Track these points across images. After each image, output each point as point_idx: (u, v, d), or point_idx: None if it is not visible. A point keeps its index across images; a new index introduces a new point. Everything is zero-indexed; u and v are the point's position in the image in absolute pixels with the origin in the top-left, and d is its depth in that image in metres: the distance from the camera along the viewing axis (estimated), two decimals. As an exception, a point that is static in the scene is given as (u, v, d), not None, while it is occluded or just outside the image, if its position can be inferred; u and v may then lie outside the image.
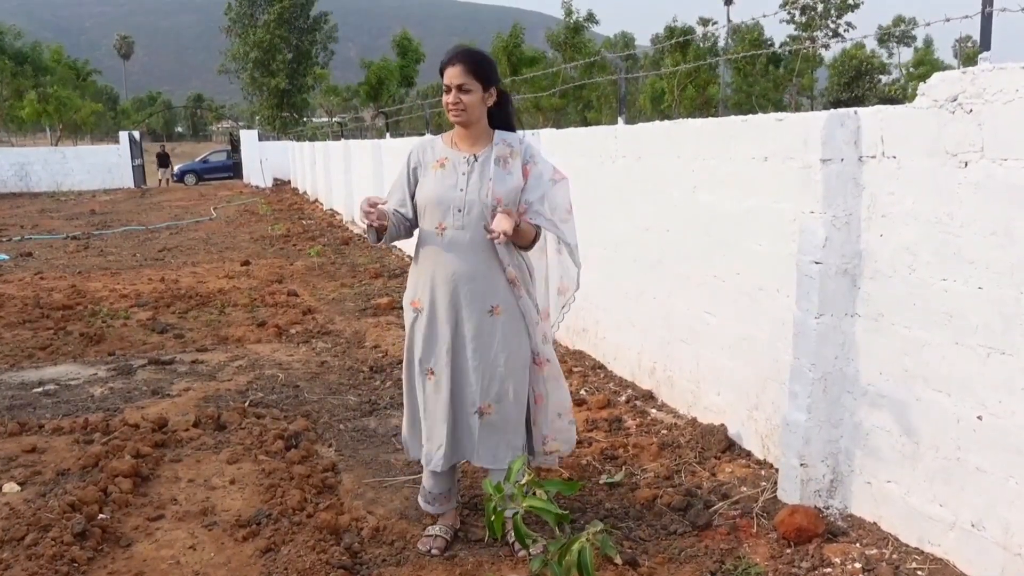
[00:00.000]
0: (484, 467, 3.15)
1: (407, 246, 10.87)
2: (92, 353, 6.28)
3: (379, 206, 2.87)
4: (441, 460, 3.06)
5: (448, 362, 3.01)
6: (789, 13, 50.45)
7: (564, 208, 3.02)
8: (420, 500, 3.31)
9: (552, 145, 6.12)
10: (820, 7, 52.12)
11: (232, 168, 36.74)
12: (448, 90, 2.92)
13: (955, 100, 2.70)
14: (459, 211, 2.93)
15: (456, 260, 2.95)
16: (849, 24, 52.67)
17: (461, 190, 2.94)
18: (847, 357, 3.25)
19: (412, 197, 3.08)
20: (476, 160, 2.97)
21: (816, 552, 3.02)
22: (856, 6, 52.23)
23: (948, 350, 2.81)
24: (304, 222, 16.72)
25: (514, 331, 3.01)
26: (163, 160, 36.12)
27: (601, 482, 3.74)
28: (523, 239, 2.96)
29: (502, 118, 3.07)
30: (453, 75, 2.90)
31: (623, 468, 3.88)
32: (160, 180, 35.32)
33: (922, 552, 2.96)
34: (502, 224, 2.79)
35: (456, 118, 2.95)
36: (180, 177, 36.95)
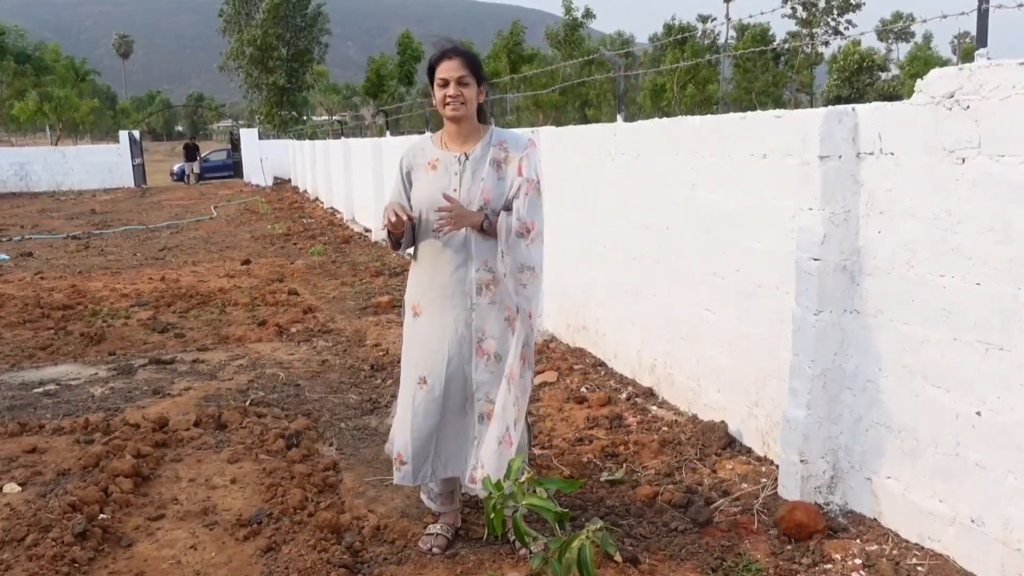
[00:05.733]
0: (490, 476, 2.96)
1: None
2: (92, 353, 6.29)
3: (402, 216, 2.84)
4: (431, 472, 3.04)
5: (444, 370, 2.97)
6: (792, 8, 50.36)
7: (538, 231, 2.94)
8: (422, 496, 3.29)
9: (551, 143, 6.12)
10: (822, 4, 52.15)
11: (232, 167, 36.67)
12: (445, 84, 2.89)
13: (952, 97, 2.70)
14: None
15: (453, 260, 2.94)
16: (850, 22, 52.73)
17: (454, 190, 2.92)
18: (846, 353, 3.25)
19: (410, 201, 3.07)
20: (467, 159, 2.96)
21: (816, 548, 3.03)
22: (858, 6, 52.24)
23: (947, 346, 2.82)
24: (304, 221, 16.71)
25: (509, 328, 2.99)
26: (191, 153, 35.22)
27: (601, 480, 3.74)
28: (495, 234, 2.90)
29: (480, 111, 3.05)
30: (452, 68, 2.88)
31: (624, 466, 3.89)
32: (188, 174, 35.02)
33: (922, 548, 2.97)
34: (453, 221, 2.80)
35: (455, 112, 2.91)
36: (180, 176, 36.88)
